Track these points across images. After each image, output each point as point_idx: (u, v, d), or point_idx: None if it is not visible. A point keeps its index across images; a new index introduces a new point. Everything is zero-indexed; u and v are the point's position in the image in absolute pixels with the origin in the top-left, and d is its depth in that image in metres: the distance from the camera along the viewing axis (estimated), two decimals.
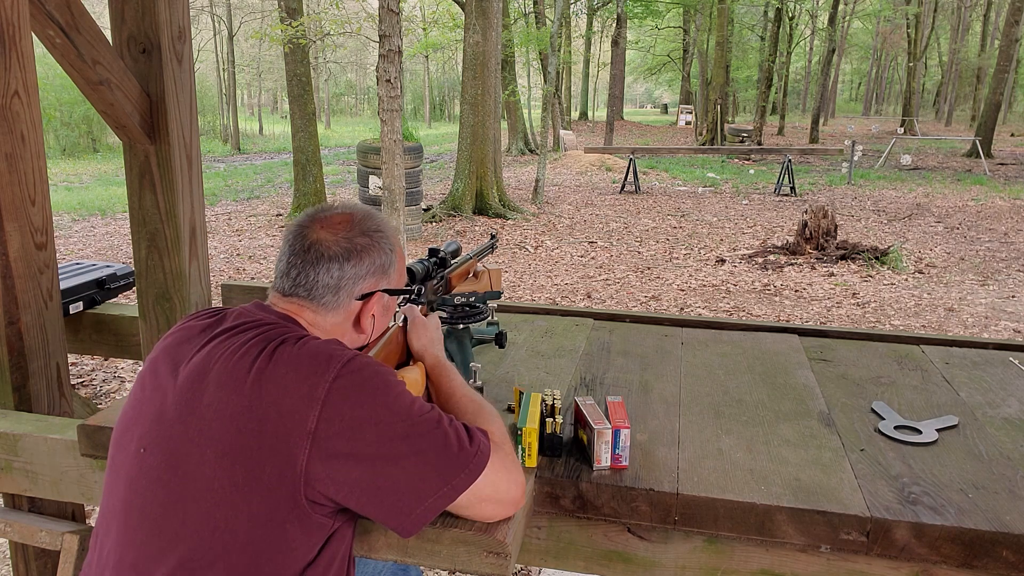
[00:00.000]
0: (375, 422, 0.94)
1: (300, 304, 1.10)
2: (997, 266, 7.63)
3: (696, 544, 1.21)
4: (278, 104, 45.73)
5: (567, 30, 27.09)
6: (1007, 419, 1.48)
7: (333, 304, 1.10)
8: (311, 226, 1.12)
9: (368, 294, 1.12)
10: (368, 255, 1.12)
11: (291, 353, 0.97)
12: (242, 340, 1.01)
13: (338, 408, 0.93)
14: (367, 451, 0.94)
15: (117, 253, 8.05)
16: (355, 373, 0.97)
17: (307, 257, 1.09)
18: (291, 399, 0.93)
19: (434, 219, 10.07)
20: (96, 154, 20.78)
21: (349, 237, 1.11)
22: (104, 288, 2.59)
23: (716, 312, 5.94)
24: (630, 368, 1.70)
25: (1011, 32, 18.21)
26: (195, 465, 0.94)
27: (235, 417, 0.94)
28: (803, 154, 17.72)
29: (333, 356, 0.97)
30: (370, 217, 1.16)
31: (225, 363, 0.98)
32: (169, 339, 1.10)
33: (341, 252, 1.10)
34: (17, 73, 1.61)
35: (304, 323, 1.09)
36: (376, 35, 6.92)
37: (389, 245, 1.15)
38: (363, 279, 1.11)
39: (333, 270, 1.09)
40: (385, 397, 0.97)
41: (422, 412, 0.99)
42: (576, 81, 37.56)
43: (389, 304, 1.18)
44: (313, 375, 0.95)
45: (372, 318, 1.14)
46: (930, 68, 38.50)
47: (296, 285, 1.10)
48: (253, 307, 1.11)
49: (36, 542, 1.52)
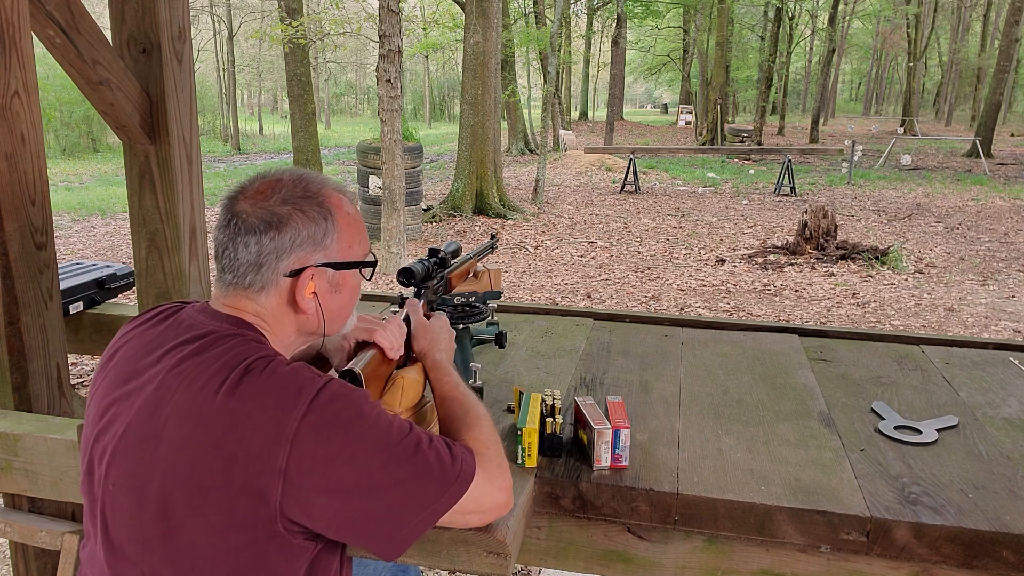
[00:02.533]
0: (349, 457, 0.89)
1: (237, 295, 1.02)
2: (997, 266, 7.63)
3: (696, 544, 1.21)
4: (278, 104, 45.72)
5: (567, 30, 27.08)
6: (1007, 419, 1.48)
7: (259, 284, 1.01)
8: (236, 197, 1.02)
9: (298, 270, 1.01)
10: (289, 225, 1.00)
11: (256, 386, 0.90)
12: (200, 366, 0.93)
13: (309, 447, 0.88)
14: (342, 486, 0.89)
15: (117, 253, 8.05)
16: (325, 407, 0.90)
17: (227, 231, 1.00)
18: (259, 438, 0.88)
19: (434, 219, 10.07)
20: (96, 154, 20.78)
21: (267, 206, 1.00)
22: (104, 288, 2.58)
23: (716, 312, 5.94)
24: (630, 368, 1.70)
25: (1011, 32, 18.21)
26: (167, 505, 0.90)
27: (202, 457, 0.89)
28: (803, 154, 17.72)
29: (302, 389, 0.90)
30: (300, 182, 1.03)
31: (185, 394, 0.92)
32: (120, 351, 1.04)
33: (257, 223, 0.99)
34: (17, 73, 1.61)
35: (251, 319, 1.01)
36: (376, 35, 6.92)
37: (321, 212, 1.02)
38: (287, 253, 1.00)
39: (251, 244, 0.99)
40: (359, 430, 0.91)
41: (401, 437, 0.93)
42: (576, 81, 37.56)
43: (338, 280, 1.05)
44: (281, 412, 0.89)
45: (314, 297, 1.03)
46: (930, 68, 38.50)
47: (223, 269, 1.01)
48: (198, 312, 1.03)
49: (36, 542, 1.52)
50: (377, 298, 2.23)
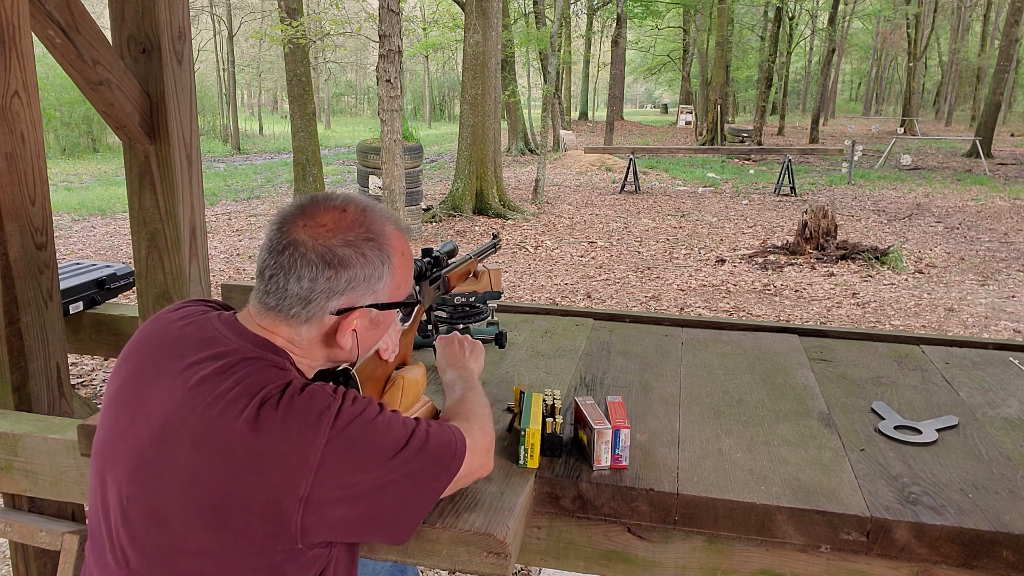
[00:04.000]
0: (366, 467, 0.92)
1: (276, 320, 1.00)
2: (997, 266, 7.63)
3: (696, 544, 1.21)
4: (278, 104, 45.72)
5: (567, 30, 27.08)
6: (1007, 419, 1.48)
7: (304, 317, 0.99)
8: (294, 221, 0.99)
9: (346, 309, 1.00)
10: (348, 268, 0.98)
11: (276, 419, 0.89)
12: (220, 389, 0.92)
13: (331, 472, 0.90)
14: (360, 491, 0.92)
15: (117, 253, 8.05)
16: (344, 432, 0.91)
17: (280, 259, 0.97)
18: (282, 470, 0.88)
19: (434, 219, 10.07)
20: (96, 154, 20.78)
21: (330, 245, 0.97)
22: (104, 288, 2.59)
23: (716, 312, 5.94)
24: (630, 368, 1.70)
25: (1011, 32, 18.21)
26: (181, 527, 0.91)
27: (219, 484, 0.88)
28: (803, 154, 17.72)
29: (321, 418, 0.90)
30: (364, 220, 1.00)
31: (203, 417, 0.91)
32: (145, 343, 1.04)
33: (317, 260, 0.96)
34: (17, 73, 1.61)
35: (282, 343, 1.00)
36: (376, 35, 6.92)
37: (381, 257, 1.00)
38: (339, 294, 0.98)
39: (304, 280, 0.97)
40: (375, 443, 0.93)
41: (408, 435, 0.96)
42: (576, 81, 37.56)
43: (379, 319, 1.05)
44: (304, 443, 0.89)
45: (353, 334, 1.02)
46: (930, 68, 38.50)
47: (267, 292, 0.99)
48: (226, 325, 1.01)
49: (36, 542, 1.52)
50: None
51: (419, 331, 1.57)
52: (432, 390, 1.54)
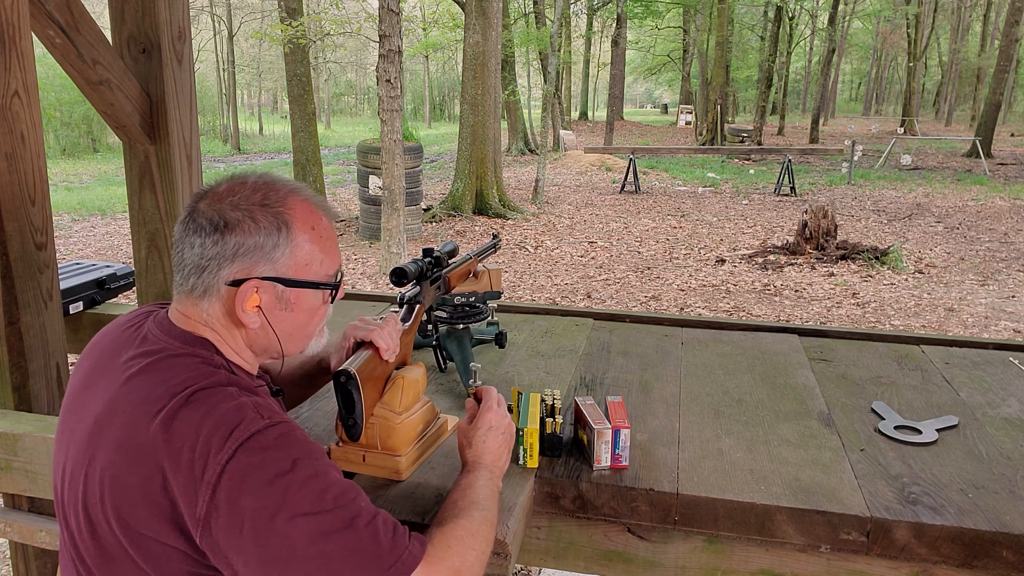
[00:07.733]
0: (269, 518, 0.80)
1: (184, 300, 0.97)
2: (997, 266, 7.63)
3: (696, 544, 1.21)
4: (278, 104, 45.71)
5: (567, 30, 27.08)
6: (1007, 419, 1.48)
7: (200, 288, 0.94)
8: (202, 195, 0.97)
9: (239, 280, 0.94)
10: (235, 232, 0.93)
11: (191, 421, 0.84)
12: (143, 387, 0.89)
13: (226, 496, 0.80)
14: (261, 554, 0.80)
15: (117, 253, 8.05)
16: (253, 454, 0.82)
17: (180, 228, 0.95)
18: (183, 479, 0.82)
19: (434, 219, 10.07)
20: (96, 154, 20.79)
21: (221, 209, 0.94)
22: (104, 288, 2.58)
23: (716, 312, 5.94)
24: (630, 368, 1.70)
25: (1011, 32, 18.21)
26: (106, 532, 0.88)
27: (130, 489, 0.84)
28: (803, 154, 17.72)
29: (235, 430, 0.83)
30: (262, 188, 0.96)
31: (124, 418, 0.88)
32: (95, 346, 1.02)
33: (205, 224, 0.93)
34: (17, 73, 1.61)
35: (205, 331, 0.96)
36: (376, 35, 6.91)
37: (275, 223, 0.94)
38: (229, 261, 0.93)
39: (195, 244, 0.93)
40: (284, 486, 0.81)
41: (335, 505, 0.83)
42: (576, 81, 37.56)
43: (289, 297, 0.97)
44: (208, 453, 0.82)
45: (258, 312, 0.96)
46: (930, 68, 38.49)
47: (176, 270, 0.97)
48: (157, 325, 0.97)
49: (36, 542, 1.52)
50: (377, 298, 2.23)
51: (419, 331, 1.57)
52: (432, 390, 1.55)
